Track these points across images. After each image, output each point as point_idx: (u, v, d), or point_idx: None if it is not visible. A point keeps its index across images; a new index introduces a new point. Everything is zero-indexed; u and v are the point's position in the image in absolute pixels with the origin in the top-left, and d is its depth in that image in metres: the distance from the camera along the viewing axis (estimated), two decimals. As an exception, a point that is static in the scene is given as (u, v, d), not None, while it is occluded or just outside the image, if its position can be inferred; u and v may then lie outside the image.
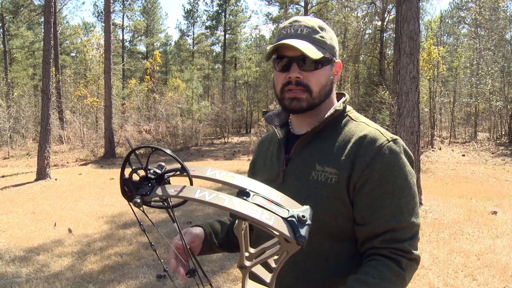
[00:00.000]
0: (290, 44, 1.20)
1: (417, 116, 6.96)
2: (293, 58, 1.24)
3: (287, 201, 0.88)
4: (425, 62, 17.20)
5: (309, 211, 0.86)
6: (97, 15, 38.99)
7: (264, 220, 0.79)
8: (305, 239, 0.80)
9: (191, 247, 1.30)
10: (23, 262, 5.44)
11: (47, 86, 12.27)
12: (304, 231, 0.80)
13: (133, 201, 0.86)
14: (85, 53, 27.82)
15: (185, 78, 26.85)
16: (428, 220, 6.80)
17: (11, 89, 26.80)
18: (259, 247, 0.96)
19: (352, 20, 26.16)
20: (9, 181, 12.21)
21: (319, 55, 1.22)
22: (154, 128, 21.81)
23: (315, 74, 1.25)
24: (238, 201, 0.81)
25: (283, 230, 0.79)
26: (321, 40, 1.26)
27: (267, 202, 0.84)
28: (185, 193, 0.85)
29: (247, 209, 0.80)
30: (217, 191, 0.84)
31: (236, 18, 40.39)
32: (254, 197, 0.84)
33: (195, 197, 0.83)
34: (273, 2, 33.72)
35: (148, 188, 0.88)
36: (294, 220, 0.82)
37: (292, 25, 1.28)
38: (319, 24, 1.29)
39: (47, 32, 12.24)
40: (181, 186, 0.87)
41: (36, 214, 8.01)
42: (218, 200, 0.82)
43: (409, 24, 6.76)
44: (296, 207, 0.86)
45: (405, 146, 1.26)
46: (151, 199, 0.88)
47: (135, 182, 0.91)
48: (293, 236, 0.79)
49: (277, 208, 0.84)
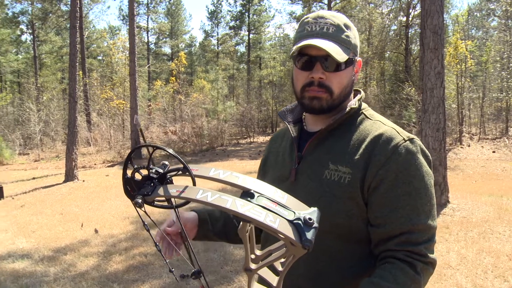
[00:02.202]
0: (318, 46, 1.16)
1: (442, 112, 6.80)
2: (317, 58, 1.19)
3: (294, 202, 0.84)
4: (452, 57, 16.80)
5: (316, 213, 0.82)
6: (122, 19, 39.57)
7: (268, 222, 0.75)
8: (311, 243, 0.76)
9: (185, 231, 1.28)
10: (51, 261, 5.56)
11: (74, 90, 12.51)
12: (311, 235, 0.77)
13: (135, 201, 0.84)
14: (111, 56, 28.25)
15: (210, 78, 26.95)
16: (456, 219, 6.64)
17: (41, 93, 27.46)
18: (265, 249, 0.93)
19: (377, 16, 25.83)
20: (39, 183, 12.50)
21: (344, 57, 1.19)
22: (179, 129, 21.96)
23: (338, 75, 1.21)
24: (241, 203, 0.78)
25: (288, 233, 0.76)
26: (346, 40, 1.22)
27: (272, 204, 0.81)
28: (187, 193, 0.83)
29: (251, 211, 0.76)
30: (220, 192, 0.81)
31: (259, 18, 40.33)
32: (259, 199, 0.81)
33: (197, 198, 0.81)
34: (296, 1, 33.55)
35: (150, 188, 0.86)
36: (300, 223, 0.78)
37: (317, 22, 1.22)
38: (344, 21, 1.24)
39: (73, 36, 12.49)
40: (183, 186, 0.84)
41: (64, 215, 8.18)
42: (221, 201, 0.79)
43: (432, 18, 6.61)
44: (303, 209, 0.82)
45: (422, 146, 1.21)
46: (153, 199, 0.86)
47: (137, 181, 0.89)
48: (299, 240, 0.76)
49: (283, 210, 0.80)
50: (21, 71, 35.75)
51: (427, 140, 6.85)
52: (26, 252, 5.97)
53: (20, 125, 23.79)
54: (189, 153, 19.74)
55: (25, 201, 9.72)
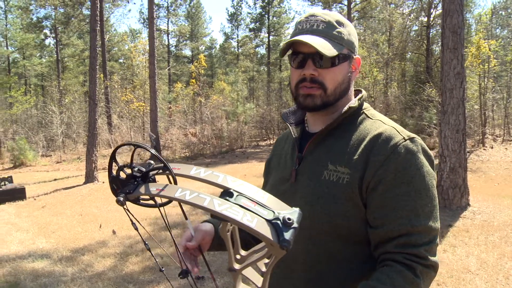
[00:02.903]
0: (304, 41, 1.16)
1: (462, 113, 6.67)
2: (309, 55, 1.19)
3: (274, 202, 0.83)
4: (474, 58, 16.49)
5: (297, 213, 0.81)
6: (143, 22, 39.96)
7: (245, 222, 0.75)
8: (289, 243, 0.75)
9: (201, 244, 1.27)
10: (69, 261, 5.63)
11: (94, 92, 12.69)
12: (289, 235, 0.76)
13: (117, 199, 0.86)
14: (132, 59, 28.58)
15: (230, 80, 27.05)
16: (476, 222, 6.49)
17: (63, 96, 27.96)
18: (250, 250, 0.92)
19: (397, 17, 25.53)
20: (60, 184, 12.71)
21: (333, 52, 1.17)
22: (199, 131, 22.07)
23: (331, 71, 1.20)
24: (219, 202, 0.78)
25: (265, 233, 0.75)
26: (338, 36, 1.21)
27: (251, 203, 0.80)
28: (167, 192, 0.84)
29: (228, 210, 0.76)
30: (198, 191, 0.81)
31: (279, 20, 40.30)
32: (238, 198, 0.81)
33: (175, 196, 0.82)
34: (316, 2, 33.42)
35: (133, 186, 0.88)
36: (279, 222, 0.77)
37: (308, 20, 1.23)
38: (336, 18, 1.23)
39: (93, 40, 12.68)
40: (164, 185, 0.85)
41: (83, 216, 8.29)
42: (199, 200, 0.79)
43: (452, 17, 6.49)
44: (283, 209, 0.82)
45: (424, 145, 1.18)
46: (134, 197, 0.88)
47: (122, 180, 0.90)
48: (276, 240, 0.75)
49: (262, 210, 0.79)
50: (45, 74, 36.47)
51: (446, 142, 6.73)
52: (45, 252, 6.07)
53: (43, 127, 24.25)
54: (209, 155, 19.81)
55: (46, 202, 9.89)
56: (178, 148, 20.86)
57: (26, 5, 33.13)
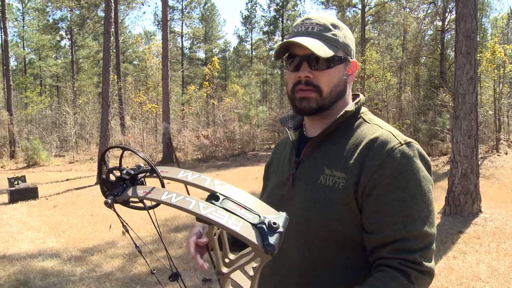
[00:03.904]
0: (298, 42, 1.16)
1: (475, 119, 6.59)
2: (304, 57, 1.19)
3: (261, 206, 0.83)
4: (489, 62, 16.29)
5: (283, 218, 0.80)
6: (157, 24, 40.30)
7: (230, 225, 0.75)
8: (273, 247, 0.74)
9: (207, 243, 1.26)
10: (78, 261, 5.68)
11: (107, 93, 12.81)
12: (274, 239, 0.75)
13: (105, 201, 0.86)
14: (146, 61, 28.78)
15: (243, 83, 27.10)
16: (488, 229, 6.40)
17: (77, 97, 28.25)
18: (238, 254, 0.92)
19: (412, 21, 25.36)
20: (72, 184, 12.83)
21: (328, 53, 1.17)
22: (212, 133, 22.13)
23: (326, 73, 1.19)
24: (204, 205, 0.79)
25: (250, 237, 0.75)
26: (333, 38, 1.21)
27: (237, 207, 0.80)
28: (153, 194, 0.85)
29: (213, 214, 0.77)
30: (184, 194, 0.81)
31: (293, 23, 40.19)
32: (224, 202, 0.81)
33: (162, 199, 0.83)
34: (330, 6, 33.39)
35: (121, 189, 0.89)
36: (264, 227, 0.77)
37: (303, 23, 1.23)
38: (332, 21, 1.24)
39: (107, 41, 12.80)
40: (151, 188, 0.86)
41: (94, 216, 8.35)
42: (184, 203, 0.80)
43: (465, 22, 6.42)
44: (270, 213, 0.81)
45: (421, 150, 1.17)
46: (122, 199, 0.89)
47: (112, 182, 0.91)
48: (261, 244, 0.75)
49: (247, 214, 0.79)
50: (60, 75, 36.93)
51: (458, 147, 6.66)
52: (55, 252, 6.13)
53: (57, 127, 24.53)
54: (221, 158, 19.84)
55: (58, 202, 9.99)
56: (190, 150, 20.94)
57: (43, 7, 33.62)
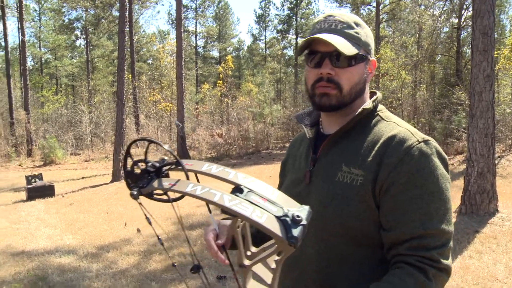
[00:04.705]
0: (323, 39, 1.16)
1: (491, 117, 6.51)
2: (326, 54, 1.19)
3: (284, 199, 0.84)
4: (507, 60, 16.06)
5: (306, 211, 0.81)
6: (171, 23, 40.46)
7: (254, 218, 0.76)
8: (297, 240, 0.75)
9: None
10: (94, 258, 5.75)
11: (122, 92, 12.92)
12: (297, 232, 0.76)
13: (130, 193, 0.88)
14: (160, 60, 28.94)
15: (257, 82, 27.09)
16: (505, 229, 6.32)
17: (92, 95, 28.52)
18: (260, 246, 0.93)
19: (427, 18, 25.09)
20: (88, 182, 12.97)
21: (353, 51, 1.17)
22: (226, 132, 22.17)
23: (348, 71, 1.20)
24: (229, 197, 0.80)
25: (274, 229, 0.76)
26: (355, 36, 1.21)
27: (261, 200, 0.81)
28: (178, 186, 0.86)
29: (238, 206, 0.78)
30: (209, 187, 0.83)
31: (307, 21, 40.07)
32: (248, 194, 0.82)
33: (187, 191, 0.84)
34: (344, 4, 33.17)
35: (146, 181, 0.90)
36: (288, 219, 0.78)
37: (326, 20, 1.24)
38: (354, 19, 1.24)
39: (121, 41, 12.91)
40: (176, 180, 0.87)
41: (109, 214, 8.44)
42: (209, 195, 0.81)
43: (482, 18, 6.34)
44: (293, 206, 0.82)
45: (439, 148, 1.17)
46: (147, 191, 0.90)
47: (137, 174, 0.93)
48: (285, 236, 0.76)
49: (271, 206, 0.80)
50: (75, 74, 37.34)
51: (474, 146, 6.58)
52: (72, 248, 6.21)
53: (72, 126, 24.78)
54: (235, 156, 19.87)
55: (74, 200, 10.11)
56: (204, 148, 21.01)
57: (59, 7, 34.00)
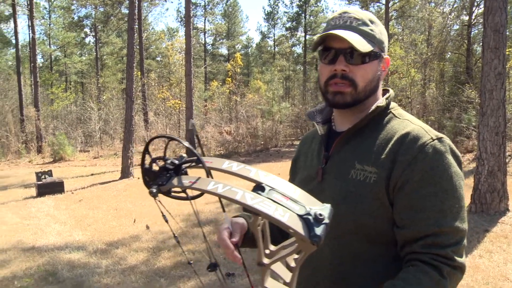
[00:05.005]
0: (338, 35, 1.16)
1: (502, 115, 6.45)
2: (341, 50, 1.19)
3: (306, 198, 0.84)
4: (518, 57, 15.88)
5: (328, 209, 0.81)
6: (180, 20, 40.51)
7: (277, 216, 0.76)
8: (320, 238, 0.75)
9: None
10: (103, 254, 5.78)
11: (131, 89, 12.95)
12: (320, 230, 0.76)
13: (149, 190, 0.87)
14: (169, 57, 28.97)
15: (266, 79, 27.05)
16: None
17: (101, 93, 28.65)
18: (279, 245, 0.93)
19: (437, 16, 24.88)
20: (97, 179, 13.03)
21: (368, 48, 1.17)
22: (234, 129, 22.17)
23: (362, 68, 1.19)
24: (251, 196, 0.79)
25: (297, 228, 0.75)
26: (370, 33, 1.21)
27: (283, 198, 0.81)
28: (199, 184, 0.85)
29: (260, 204, 0.77)
30: (231, 185, 0.82)
31: (316, 19, 39.93)
32: (270, 192, 0.81)
33: (208, 189, 0.83)
34: (353, 1, 32.97)
35: (165, 178, 0.89)
36: (310, 218, 0.77)
37: (341, 16, 1.23)
38: (369, 17, 1.24)
39: (131, 38, 12.93)
40: (196, 178, 0.86)
41: (118, 210, 8.48)
42: (231, 193, 0.80)
43: (494, 15, 6.27)
44: (315, 205, 0.82)
45: (452, 146, 1.16)
46: (166, 188, 0.90)
47: (155, 172, 0.92)
48: (307, 235, 0.75)
49: (294, 205, 0.80)
50: (84, 71, 37.50)
51: (484, 144, 6.52)
52: (81, 244, 6.25)
53: (82, 123, 24.88)
54: (243, 154, 19.88)
55: (83, 196, 10.17)
56: (213, 146, 21.03)
57: (68, 5, 34.15)
